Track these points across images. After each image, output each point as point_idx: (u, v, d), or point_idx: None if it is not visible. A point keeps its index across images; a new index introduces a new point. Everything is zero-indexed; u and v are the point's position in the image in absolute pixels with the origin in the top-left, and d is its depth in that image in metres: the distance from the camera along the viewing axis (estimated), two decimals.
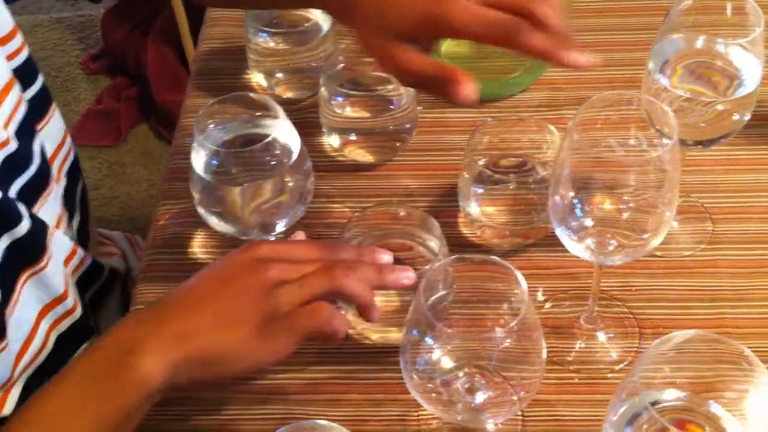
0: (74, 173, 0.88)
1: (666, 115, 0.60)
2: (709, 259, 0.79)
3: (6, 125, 0.73)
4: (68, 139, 0.88)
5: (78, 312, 0.82)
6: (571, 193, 0.64)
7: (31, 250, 0.75)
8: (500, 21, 0.65)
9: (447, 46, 0.95)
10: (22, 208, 0.73)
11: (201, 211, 0.74)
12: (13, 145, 0.74)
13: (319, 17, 0.91)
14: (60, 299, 0.78)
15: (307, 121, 0.89)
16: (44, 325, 0.78)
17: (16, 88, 0.76)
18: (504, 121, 0.81)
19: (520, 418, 0.70)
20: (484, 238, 0.81)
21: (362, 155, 0.87)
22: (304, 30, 0.90)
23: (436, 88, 0.66)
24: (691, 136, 0.69)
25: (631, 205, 0.64)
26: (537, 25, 0.64)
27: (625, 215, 0.65)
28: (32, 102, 0.78)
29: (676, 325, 0.74)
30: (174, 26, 1.96)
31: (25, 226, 0.73)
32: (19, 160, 0.75)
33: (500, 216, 0.80)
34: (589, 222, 0.65)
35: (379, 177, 0.86)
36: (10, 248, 0.72)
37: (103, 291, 0.89)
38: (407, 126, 0.86)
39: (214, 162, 0.74)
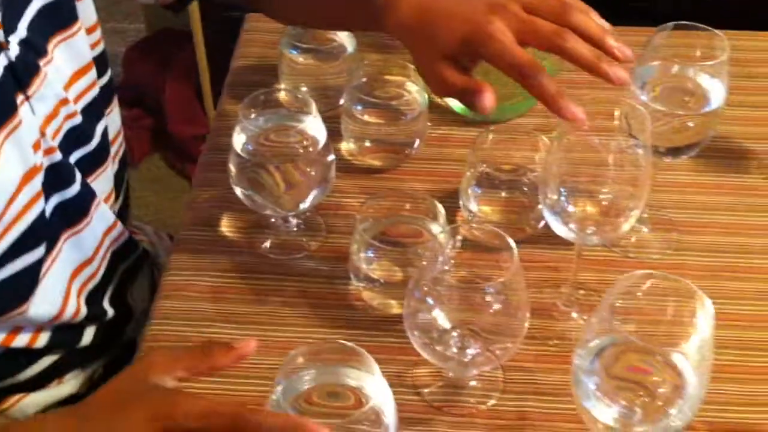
0: (124, 160, 1.00)
1: (642, 116, 0.72)
2: (675, 263, 0.90)
3: (76, 101, 0.85)
4: (122, 136, 1.00)
5: (99, 277, 0.91)
6: (559, 187, 0.76)
7: (75, 213, 0.85)
8: (521, 63, 0.73)
9: None
10: (77, 174, 0.84)
11: (235, 187, 0.85)
12: (78, 119, 0.85)
13: (345, 39, 1.03)
14: (87, 262, 0.88)
15: (329, 130, 1.00)
16: (75, 287, 0.87)
17: (93, 72, 0.87)
18: (503, 134, 0.93)
19: (501, 378, 0.80)
20: None
21: (375, 160, 0.99)
22: (331, 49, 1.03)
23: (466, 97, 0.76)
24: (664, 143, 0.81)
25: (608, 194, 0.76)
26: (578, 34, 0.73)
27: (604, 203, 0.76)
28: (102, 90, 0.90)
29: None
30: (194, 65, 2.10)
31: (74, 189, 0.84)
32: (82, 134, 0.86)
33: (495, 214, 0.91)
34: (571, 209, 0.77)
35: (388, 179, 0.98)
36: (58, 207, 0.83)
37: (135, 267, 1.00)
38: (416, 138, 0.98)
39: (250, 147, 0.85)
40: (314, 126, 0.85)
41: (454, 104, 1.05)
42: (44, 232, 0.80)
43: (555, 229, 0.79)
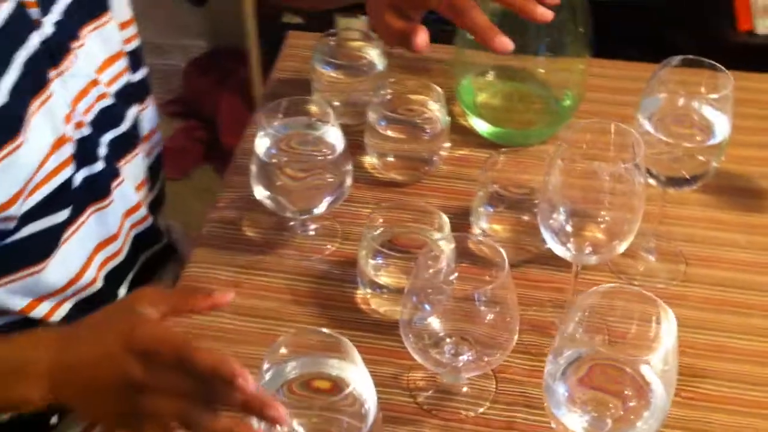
0: (160, 158, 1.06)
1: (636, 142, 0.75)
2: (679, 293, 0.92)
3: (108, 84, 0.92)
4: (158, 135, 1.06)
5: (123, 255, 0.97)
6: (558, 208, 0.79)
7: (99, 189, 0.93)
8: (455, 2, 0.84)
9: (482, 98, 1.11)
10: (102, 152, 0.91)
11: (255, 188, 0.90)
12: (109, 101, 0.93)
13: (375, 57, 1.08)
14: (111, 239, 0.95)
15: (354, 143, 1.04)
16: (97, 260, 0.94)
17: (123, 61, 0.95)
18: (514, 156, 0.96)
19: (493, 389, 0.82)
20: None
21: (396, 174, 1.03)
22: (361, 66, 1.07)
23: (405, 41, 0.88)
24: (669, 173, 0.84)
25: (605, 216, 0.78)
26: None
27: (601, 224, 0.79)
28: (138, 84, 0.96)
29: None
30: (248, 82, 2.18)
31: (98, 167, 0.91)
32: (113, 116, 0.94)
33: (504, 233, 0.94)
34: (569, 228, 0.79)
35: (406, 193, 1.01)
36: (86, 180, 0.90)
37: (159, 259, 1.05)
38: (435, 155, 1.02)
39: (273, 150, 0.90)
40: (333, 134, 0.89)
41: (480, 127, 1.09)
42: (69, 199, 0.87)
43: (552, 248, 0.81)
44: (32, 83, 0.81)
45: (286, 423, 0.64)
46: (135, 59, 0.98)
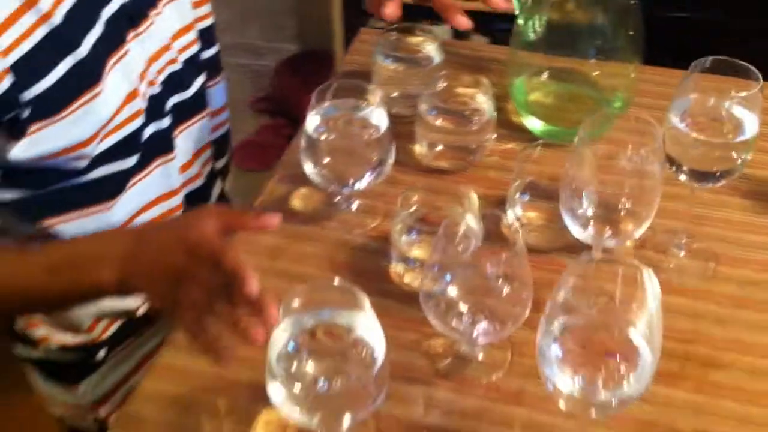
0: (226, 136, 1.16)
1: (653, 128, 0.79)
2: (705, 289, 0.94)
3: (179, 52, 1.03)
4: (226, 113, 1.16)
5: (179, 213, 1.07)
6: (580, 193, 0.83)
7: (165, 144, 1.03)
8: None
9: (534, 97, 1.15)
10: (168, 111, 1.02)
11: (304, 164, 0.97)
12: (178, 66, 1.03)
13: (433, 51, 1.14)
14: (171, 194, 1.05)
15: (406, 132, 1.10)
16: (155, 210, 1.04)
17: (194, 33, 1.05)
18: (550, 148, 1.00)
19: (508, 360, 0.87)
20: None
21: (442, 162, 1.08)
22: (419, 59, 1.14)
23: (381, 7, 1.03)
24: (700, 167, 0.87)
25: (624, 203, 0.82)
26: None
27: (622, 212, 0.83)
28: (209, 60, 1.06)
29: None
30: None
31: (165, 123, 1.02)
32: (180, 81, 1.04)
33: (538, 221, 0.98)
34: (590, 212, 0.83)
35: (449, 180, 1.07)
36: (153, 135, 1.00)
37: None
38: (481, 146, 1.07)
39: (321, 128, 0.97)
40: (377, 116, 0.96)
41: (531, 125, 1.13)
42: (137, 149, 0.98)
43: (573, 232, 0.85)
44: (112, 40, 0.92)
45: (276, 323, 0.74)
46: (207, 36, 1.08)
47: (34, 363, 1.11)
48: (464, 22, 1.05)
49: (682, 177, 0.90)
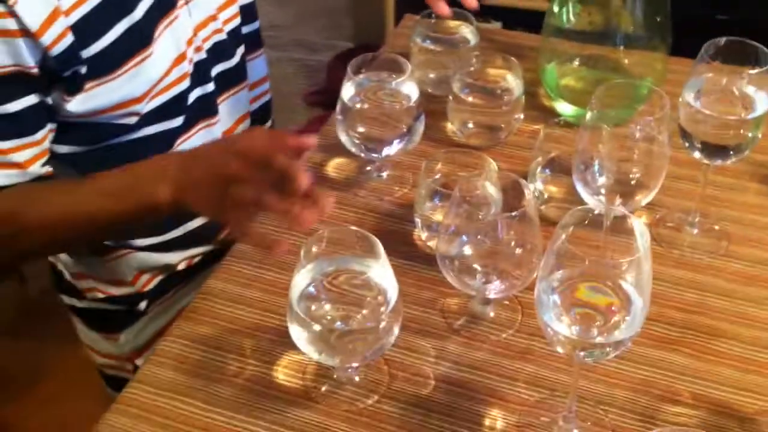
0: (267, 107, 1.24)
1: (661, 97, 0.83)
2: (716, 265, 0.98)
3: (224, 23, 1.10)
4: (266, 85, 1.23)
5: None
6: (591, 160, 0.87)
7: (209, 108, 1.11)
8: None
9: (566, 80, 1.20)
10: (213, 77, 1.10)
11: (339, 131, 1.03)
12: (223, 36, 1.10)
13: (468, 34, 1.19)
14: None
15: (440, 111, 1.16)
16: None
17: (235, 7, 1.13)
18: (569, 127, 1.04)
19: (519, 320, 0.91)
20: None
21: (472, 139, 1.13)
22: (455, 40, 1.19)
23: None
24: (715, 141, 0.91)
25: (633, 172, 0.86)
26: None
27: (632, 181, 0.87)
28: (249, 34, 1.13)
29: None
30: None
31: (209, 88, 1.10)
32: (224, 50, 1.11)
33: (559, 195, 1.03)
34: (602, 180, 0.88)
35: (477, 156, 1.11)
36: (199, 99, 1.08)
37: None
38: (509, 125, 1.12)
39: (357, 98, 1.03)
40: (408, 87, 1.01)
41: (562, 109, 1.18)
42: (183, 110, 1.06)
43: (585, 199, 0.89)
44: (163, 5, 1.00)
45: (328, 207, 0.85)
46: (249, 11, 1.16)
47: (78, 313, 1.19)
48: (446, 10, 1.12)
49: (696, 154, 0.94)
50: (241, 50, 1.15)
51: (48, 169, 0.98)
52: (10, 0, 0.86)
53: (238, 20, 1.14)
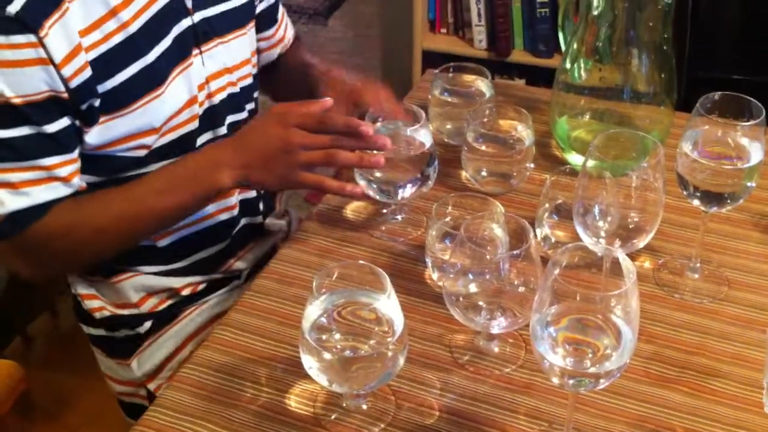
0: None
1: (656, 146, 0.88)
2: (715, 309, 1.01)
3: (238, 80, 1.19)
4: None
5: (233, 213, 1.21)
6: (591, 207, 0.92)
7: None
8: None
9: (576, 133, 1.25)
10: (226, 122, 1.18)
11: (356, 175, 1.09)
12: (237, 89, 1.19)
13: (484, 87, 1.25)
14: (225, 196, 1.18)
15: (456, 159, 1.21)
16: (210, 209, 1.18)
17: (249, 68, 1.21)
18: (573, 175, 1.09)
19: (522, 356, 0.95)
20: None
21: (485, 186, 1.18)
22: (471, 93, 1.25)
23: None
24: (710, 189, 0.96)
25: (631, 217, 0.91)
26: None
27: (630, 226, 0.92)
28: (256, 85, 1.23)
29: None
30: None
31: (221, 131, 1.17)
32: (237, 102, 1.19)
33: (566, 239, 1.07)
34: (601, 224, 0.92)
35: (483, 200, 1.16)
36: (208, 143, 1.14)
37: (259, 229, 1.29)
38: (520, 173, 1.17)
39: None
40: (422, 135, 1.07)
41: (573, 159, 1.23)
42: (192, 149, 1.12)
43: (585, 241, 0.94)
44: (178, 52, 1.07)
45: (389, 143, 1.02)
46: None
47: (95, 341, 1.25)
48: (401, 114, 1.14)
49: (695, 202, 0.98)
50: (250, 105, 1.23)
51: (83, 183, 1.07)
52: (41, 32, 0.94)
53: (250, 80, 1.21)
